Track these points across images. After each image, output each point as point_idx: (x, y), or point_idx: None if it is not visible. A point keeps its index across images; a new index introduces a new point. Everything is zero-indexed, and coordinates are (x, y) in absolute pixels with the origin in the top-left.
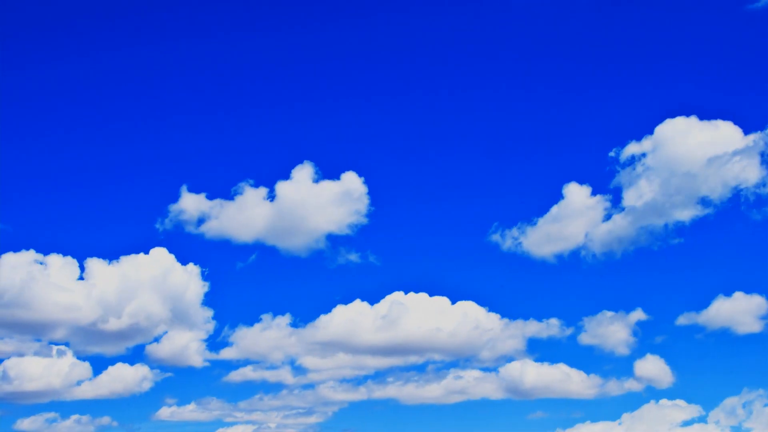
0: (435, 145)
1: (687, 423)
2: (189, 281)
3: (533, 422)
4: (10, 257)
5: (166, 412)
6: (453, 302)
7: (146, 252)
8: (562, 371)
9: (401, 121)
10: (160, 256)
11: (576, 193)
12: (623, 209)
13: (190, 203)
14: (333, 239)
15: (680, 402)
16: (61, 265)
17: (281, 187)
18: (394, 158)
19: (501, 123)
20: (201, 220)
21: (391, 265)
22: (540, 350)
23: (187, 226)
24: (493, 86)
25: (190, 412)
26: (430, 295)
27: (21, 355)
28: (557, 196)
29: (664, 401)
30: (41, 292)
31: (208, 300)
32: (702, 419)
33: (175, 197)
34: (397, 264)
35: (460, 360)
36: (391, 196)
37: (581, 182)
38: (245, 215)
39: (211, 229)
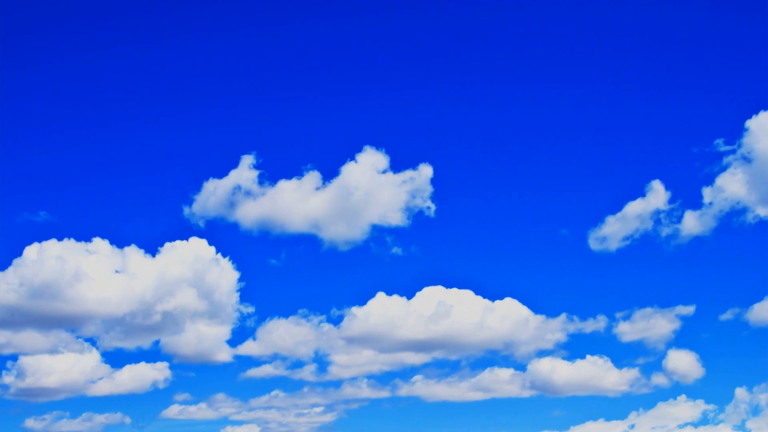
0: (510, 140)
1: (690, 424)
2: (224, 273)
3: (555, 419)
4: (49, 246)
5: (174, 410)
6: (493, 300)
7: (185, 241)
8: (597, 367)
9: (476, 114)
10: (199, 246)
11: (657, 191)
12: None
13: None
14: (381, 231)
15: (698, 401)
16: (98, 255)
17: (340, 174)
18: (465, 152)
19: (583, 119)
20: (244, 208)
21: (434, 259)
22: (578, 347)
23: (229, 214)
24: (574, 81)
25: (198, 410)
26: (475, 292)
27: (48, 349)
28: (636, 193)
29: (681, 398)
30: (75, 284)
31: (243, 292)
32: (713, 420)
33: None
34: (442, 259)
35: (493, 357)
36: (455, 190)
37: (663, 179)
38: (290, 204)
39: (257, 217)
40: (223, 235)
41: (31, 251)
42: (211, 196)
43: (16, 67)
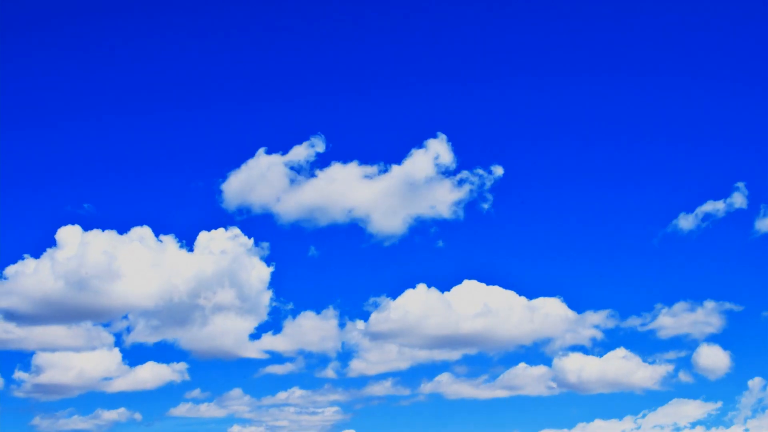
0: (572, 137)
1: (699, 423)
2: (257, 265)
3: (568, 417)
4: (83, 237)
5: (186, 408)
6: (531, 298)
7: (222, 230)
8: (628, 364)
9: (542, 112)
10: (235, 237)
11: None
12: None
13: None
14: (427, 224)
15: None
16: (133, 246)
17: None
18: (526, 150)
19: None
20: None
21: (475, 255)
22: (610, 344)
23: (270, 203)
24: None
25: (208, 408)
26: (515, 290)
27: (68, 345)
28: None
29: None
30: (106, 277)
31: (276, 285)
32: (718, 420)
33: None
34: (483, 255)
35: (522, 354)
36: (511, 187)
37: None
38: (337, 193)
39: (299, 206)
40: (261, 224)
41: (66, 242)
42: (251, 184)
43: (53, 61)
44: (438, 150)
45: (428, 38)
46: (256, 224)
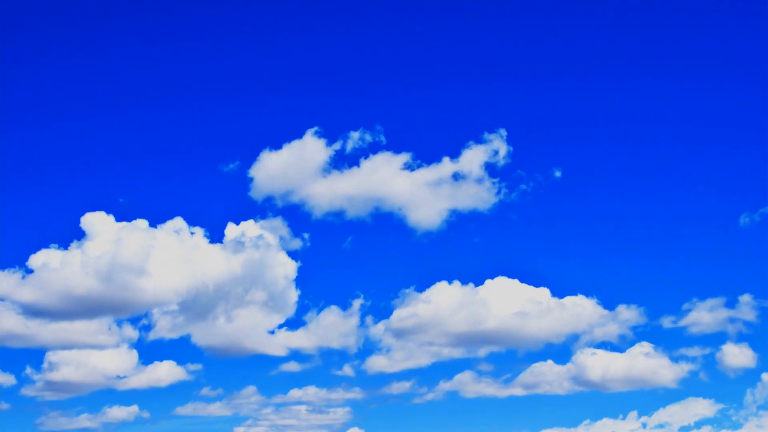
0: (619, 138)
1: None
2: (285, 259)
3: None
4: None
5: (194, 406)
6: (562, 296)
7: (251, 222)
8: (654, 361)
9: (592, 112)
10: (265, 229)
11: None
12: None
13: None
14: (465, 218)
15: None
16: (162, 239)
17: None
18: (577, 150)
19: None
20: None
21: (509, 251)
22: (637, 341)
23: (303, 193)
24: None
25: (213, 407)
26: (549, 288)
27: (91, 342)
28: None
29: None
30: (131, 271)
31: (302, 279)
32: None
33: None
34: (518, 251)
35: (545, 352)
36: (554, 186)
37: None
38: (374, 185)
39: (332, 197)
40: (293, 215)
41: (93, 235)
42: (283, 173)
43: (82, 58)
44: (490, 147)
45: (500, 34)
46: (289, 215)
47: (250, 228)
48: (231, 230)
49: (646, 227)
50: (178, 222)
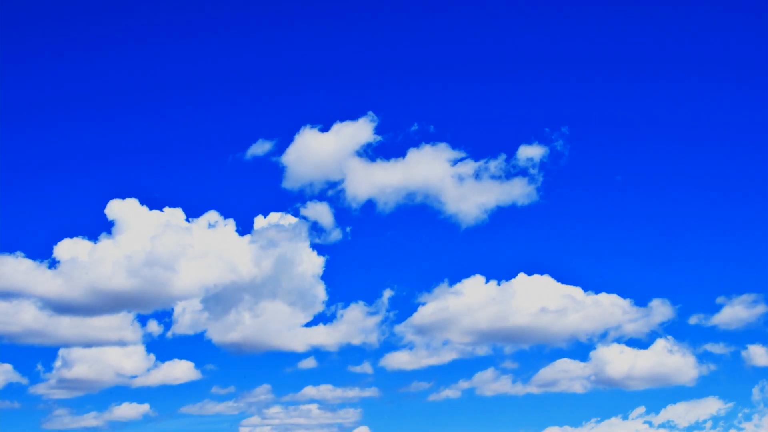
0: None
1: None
2: (312, 253)
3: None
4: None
5: (198, 406)
6: (597, 292)
7: (282, 214)
8: (679, 360)
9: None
10: (292, 221)
11: None
12: None
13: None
14: (504, 212)
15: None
16: (190, 233)
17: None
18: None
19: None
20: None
21: (540, 248)
22: (663, 338)
23: (341, 182)
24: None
25: (221, 405)
26: (581, 285)
27: (109, 338)
28: None
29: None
30: (157, 265)
31: (330, 273)
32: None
33: None
34: (547, 248)
35: (568, 350)
36: (595, 183)
37: None
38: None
39: (370, 188)
40: (327, 206)
41: (122, 229)
42: (321, 162)
43: (106, 52)
44: (538, 147)
45: (558, 34)
46: (323, 205)
47: (280, 220)
48: (260, 223)
49: (679, 225)
50: (212, 214)
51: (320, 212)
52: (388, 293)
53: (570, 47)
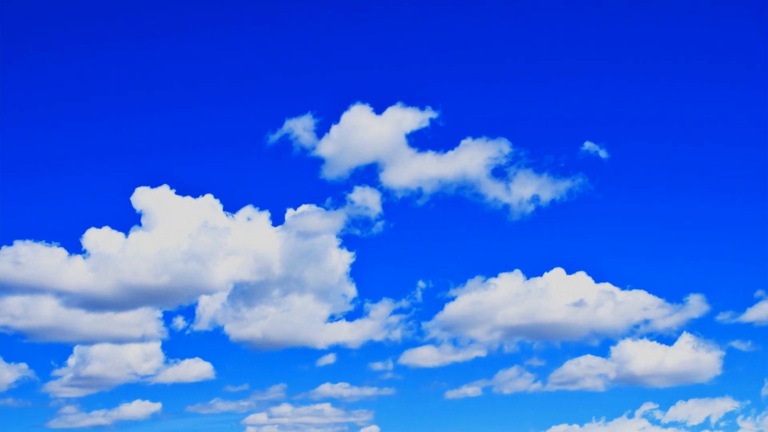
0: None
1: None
2: (340, 247)
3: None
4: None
5: (205, 404)
6: (623, 288)
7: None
8: (704, 357)
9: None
10: (324, 212)
11: None
12: None
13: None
14: (544, 207)
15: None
16: (229, 224)
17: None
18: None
19: None
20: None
21: (575, 243)
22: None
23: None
24: None
25: (230, 403)
26: (612, 282)
27: (128, 335)
28: None
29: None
30: (187, 259)
31: (359, 266)
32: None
33: None
34: (583, 245)
35: (593, 346)
36: (632, 180)
37: None
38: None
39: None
40: (364, 195)
41: (152, 219)
42: (361, 150)
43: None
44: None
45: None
46: (359, 196)
47: (314, 211)
48: (294, 214)
49: (713, 224)
50: (247, 206)
51: (359, 203)
52: (419, 288)
53: (618, 48)
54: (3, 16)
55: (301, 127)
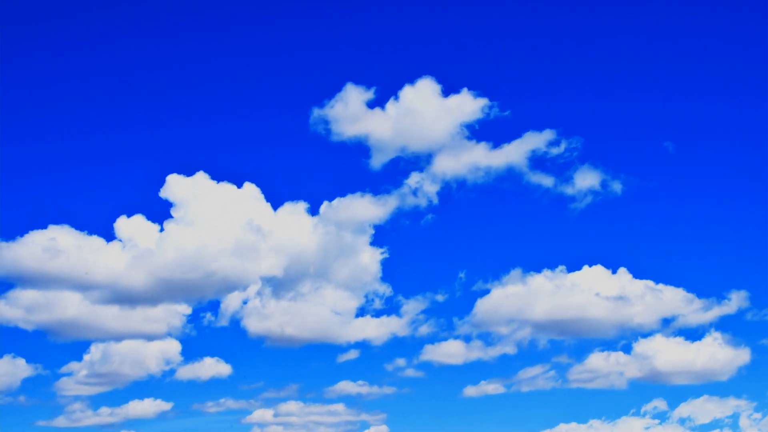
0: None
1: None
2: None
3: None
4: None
5: (219, 402)
6: (657, 282)
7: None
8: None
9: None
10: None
11: None
12: None
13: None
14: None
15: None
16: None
17: None
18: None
19: None
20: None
21: (612, 238)
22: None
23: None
24: None
25: (240, 402)
26: (637, 275)
27: (149, 331)
28: None
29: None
30: (215, 253)
31: (392, 260)
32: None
33: None
34: (623, 241)
35: (619, 342)
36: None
37: None
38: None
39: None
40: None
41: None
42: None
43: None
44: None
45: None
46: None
47: (351, 202)
48: (328, 206)
49: (751, 222)
50: (286, 200)
51: (404, 192)
52: (456, 282)
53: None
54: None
55: (345, 108)
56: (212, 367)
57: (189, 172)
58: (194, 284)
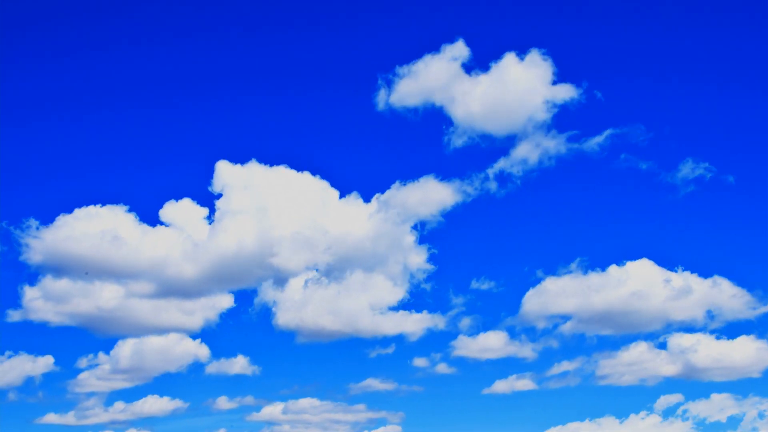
0: None
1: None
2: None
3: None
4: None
5: (231, 401)
6: (704, 276)
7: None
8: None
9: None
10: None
11: None
12: None
13: None
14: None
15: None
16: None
17: None
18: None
19: None
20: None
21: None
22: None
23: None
24: None
25: (248, 399)
26: (686, 268)
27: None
28: None
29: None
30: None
31: (436, 257)
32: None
33: None
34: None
35: (659, 337)
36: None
37: None
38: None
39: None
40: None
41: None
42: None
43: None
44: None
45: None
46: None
47: (412, 187)
48: (387, 193)
49: None
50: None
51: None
52: (502, 275)
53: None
54: None
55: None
56: (238, 364)
57: (241, 159)
58: (236, 275)
